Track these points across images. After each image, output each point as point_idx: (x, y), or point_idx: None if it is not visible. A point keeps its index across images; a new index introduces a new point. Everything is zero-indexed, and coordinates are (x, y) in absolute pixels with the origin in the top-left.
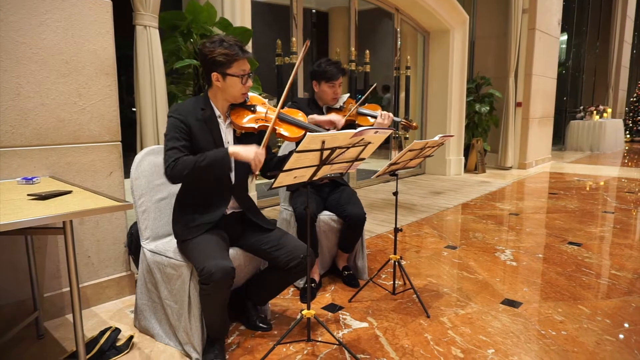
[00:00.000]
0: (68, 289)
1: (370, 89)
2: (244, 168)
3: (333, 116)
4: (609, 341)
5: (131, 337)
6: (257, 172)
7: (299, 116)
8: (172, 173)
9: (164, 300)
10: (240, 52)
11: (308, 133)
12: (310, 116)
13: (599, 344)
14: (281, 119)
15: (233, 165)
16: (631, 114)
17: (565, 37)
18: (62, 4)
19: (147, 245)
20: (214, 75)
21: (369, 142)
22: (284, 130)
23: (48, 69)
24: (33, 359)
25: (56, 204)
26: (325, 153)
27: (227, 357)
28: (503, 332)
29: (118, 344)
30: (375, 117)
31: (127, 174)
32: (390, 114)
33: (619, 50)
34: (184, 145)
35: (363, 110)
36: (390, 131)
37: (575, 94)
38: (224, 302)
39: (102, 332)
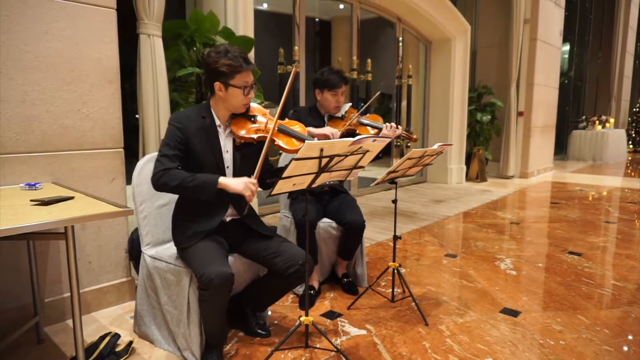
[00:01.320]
0: (69, 294)
1: (373, 98)
2: (242, 175)
3: (327, 129)
4: (607, 351)
5: (130, 343)
6: (250, 202)
7: (298, 128)
8: (157, 182)
9: (164, 306)
10: (244, 64)
11: (306, 142)
12: (307, 129)
13: (597, 355)
14: (280, 130)
15: (238, 178)
16: (634, 124)
17: (567, 47)
18: (67, 13)
19: (147, 251)
20: (217, 84)
21: (367, 150)
22: (282, 142)
23: (53, 76)
24: None
25: (58, 209)
26: (324, 161)
27: None
28: (501, 341)
29: (117, 349)
30: (375, 127)
31: (129, 181)
32: (396, 127)
33: (621, 60)
34: (176, 154)
35: (364, 120)
36: (388, 140)
37: (578, 104)
38: (223, 308)
39: (102, 338)
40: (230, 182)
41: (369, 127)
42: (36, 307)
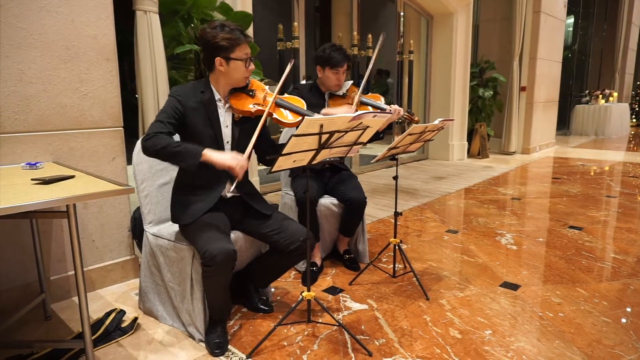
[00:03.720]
0: (73, 272)
1: (367, 73)
2: (240, 150)
3: (344, 109)
4: (605, 322)
5: (136, 319)
6: (239, 179)
7: (297, 103)
8: (146, 143)
9: (167, 282)
10: (242, 37)
11: (305, 118)
12: (325, 110)
13: (595, 326)
14: (278, 104)
15: (227, 152)
16: (637, 98)
17: (571, 19)
18: None
19: (149, 229)
20: (218, 60)
21: (368, 126)
22: (280, 116)
23: (49, 54)
24: (40, 340)
25: (59, 188)
26: (324, 137)
27: (229, 338)
28: (501, 314)
29: (123, 325)
30: (379, 108)
31: (130, 160)
32: (400, 109)
33: (626, 32)
34: (171, 122)
35: (367, 100)
36: (388, 115)
37: (581, 78)
38: (226, 284)
39: (108, 314)
40: (216, 155)
41: (370, 107)
42: (42, 285)
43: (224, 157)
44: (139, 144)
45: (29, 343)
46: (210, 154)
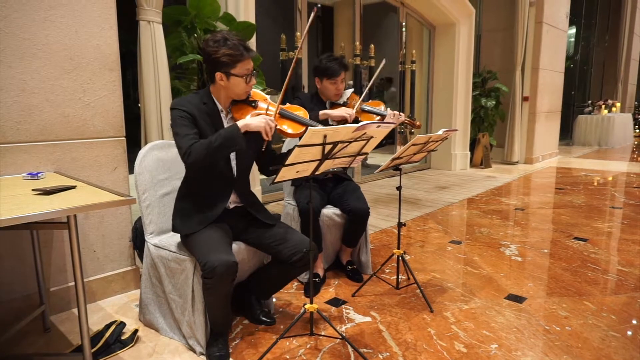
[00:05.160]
0: (74, 283)
1: (370, 83)
2: (245, 160)
3: (343, 110)
4: (614, 337)
5: (136, 331)
6: (269, 139)
7: (300, 112)
8: (190, 159)
9: (168, 294)
10: (244, 52)
11: (309, 128)
12: (323, 112)
13: (603, 340)
14: (282, 115)
15: (255, 116)
16: None
17: (573, 30)
18: (65, 0)
19: (151, 240)
20: (218, 74)
21: (371, 137)
22: (284, 126)
23: (52, 65)
24: (39, 353)
25: (60, 199)
26: (327, 147)
27: (230, 350)
28: (507, 327)
29: (123, 337)
30: (378, 114)
31: (132, 170)
32: (399, 114)
33: (628, 43)
34: (196, 132)
35: (367, 107)
36: (392, 125)
37: (584, 88)
38: (227, 296)
39: (108, 326)
40: (251, 122)
41: (372, 115)
42: (42, 296)
43: (258, 121)
44: (141, 153)
45: (28, 356)
46: (246, 124)
